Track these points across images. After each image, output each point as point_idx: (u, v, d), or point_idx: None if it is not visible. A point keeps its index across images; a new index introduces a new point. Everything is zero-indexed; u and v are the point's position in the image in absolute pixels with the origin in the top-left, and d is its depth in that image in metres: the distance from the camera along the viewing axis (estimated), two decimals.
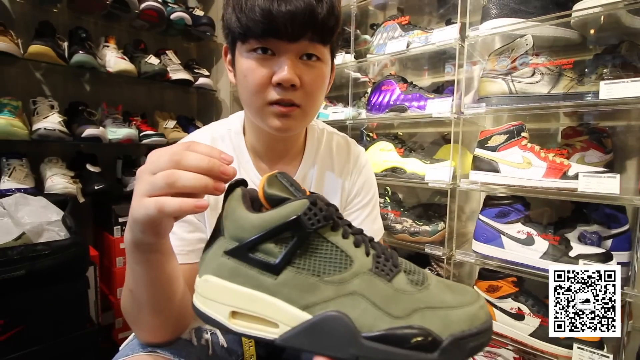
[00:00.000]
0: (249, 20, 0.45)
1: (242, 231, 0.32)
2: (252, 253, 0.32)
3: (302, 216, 0.31)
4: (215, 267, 0.33)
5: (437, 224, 1.08)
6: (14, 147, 1.19)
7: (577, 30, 0.94)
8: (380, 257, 0.33)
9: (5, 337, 0.78)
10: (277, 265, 0.31)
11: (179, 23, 1.48)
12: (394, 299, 0.31)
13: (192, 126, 1.64)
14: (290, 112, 0.50)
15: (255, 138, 0.60)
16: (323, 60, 0.51)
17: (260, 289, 0.32)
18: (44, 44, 1.16)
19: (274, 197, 0.33)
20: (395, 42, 1.10)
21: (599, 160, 0.93)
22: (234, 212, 0.33)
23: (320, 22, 0.46)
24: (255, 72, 0.48)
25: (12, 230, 0.81)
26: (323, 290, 0.31)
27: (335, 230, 0.33)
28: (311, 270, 0.31)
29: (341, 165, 0.67)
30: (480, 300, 0.32)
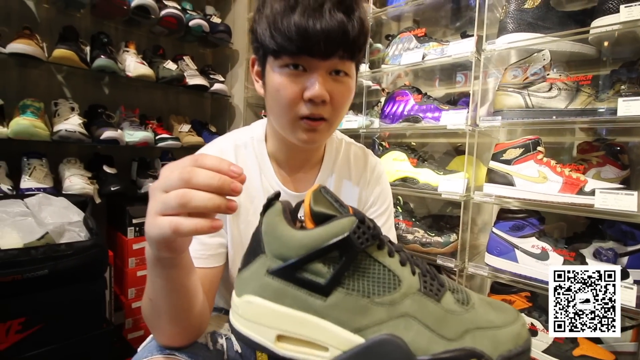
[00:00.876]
0: (284, 38, 0.47)
1: (287, 249, 0.30)
2: (300, 273, 0.30)
3: (352, 235, 0.29)
4: (258, 287, 0.31)
5: (449, 235, 1.08)
6: (35, 147, 1.22)
7: (594, 46, 0.94)
8: (426, 276, 0.32)
9: (25, 335, 0.80)
10: (327, 286, 0.30)
11: (197, 30, 1.51)
12: (445, 320, 0.30)
13: (206, 130, 1.66)
14: (317, 126, 0.52)
15: (277, 147, 0.62)
16: (350, 75, 0.53)
17: (309, 311, 0.30)
18: (68, 48, 1.19)
19: (321, 214, 0.31)
20: (411, 54, 1.11)
21: (615, 176, 0.93)
22: (276, 228, 0.31)
23: (351, 40, 0.48)
24: (287, 87, 0.50)
25: (36, 230, 0.83)
26: (375, 312, 0.30)
27: (381, 248, 0.32)
28: (361, 292, 0.30)
29: (358, 175, 0.69)
30: (521, 318, 0.33)
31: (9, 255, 0.76)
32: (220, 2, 1.83)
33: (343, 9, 0.46)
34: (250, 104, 1.81)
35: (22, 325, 0.79)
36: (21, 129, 1.10)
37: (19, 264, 0.76)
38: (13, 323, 0.79)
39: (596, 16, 0.83)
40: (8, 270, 0.75)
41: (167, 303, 0.43)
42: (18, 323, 0.79)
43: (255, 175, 0.61)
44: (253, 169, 0.61)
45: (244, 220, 0.60)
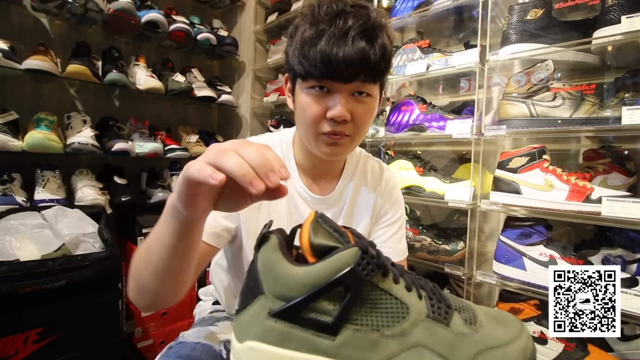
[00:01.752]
0: (310, 64, 0.51)
1: (289, 289, 0.29)
2: (304, 313, 0.28)
3: (356, 267, 0.28)
4: (261, 332, 0.29)
5: (456, 243, 1.09)
6: (48, 159, 1.25)
7: (597, 55, 0.95)
8: (432, 299, 0.32)
9: (42, 345, 0.82)
10: (334, 325, 0.28)
11: (205, 43, 1.55)
12: (456, 345, 0.30)
13: (213, 140, 1.69)
14: (339, 140, 0.56)
15: (302, 155, 0.66)
16: (372, 96, 0.56)
17: (318, 352, 0.28)
18: (81, 64, 1.23)
19: (321, 247, 0.30)
20: (415, 64, 1.13)
21: (622, 184, 0.93)
22: (274, 267, 0.30)
23: (372, 66, 0.51)
24: (312, 106, 0.54)
25: (53, 242, 0.85)
26: (386, 346, 0.29)
27: (386, 276, 0.30)
28: (370, 326, 0.29)
29: (374, 185, 0.72)
30: (525, 329, 0.33)
31: (28, 266, 0.78)
32: (227, 16, 1.87)
33: (366, 37, 0.50)
34: (257, 114, 1.84)
35: (39, 335, 0.81)
36: (36, 142, 1.13)
37: (37, 276, 0.78)
38: (31, 333, 0.80)
39: (598, 26, 0.84)
40: (27, 282, 0.77)
41: (161, 255, 0.41)
42: (35, 333, 0.81)
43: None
44: None
45: (265, 215, 0.63)
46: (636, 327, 0.92)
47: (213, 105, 1.77)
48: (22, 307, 0.80)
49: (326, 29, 0.50)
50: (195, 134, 1.64)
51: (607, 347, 0.89)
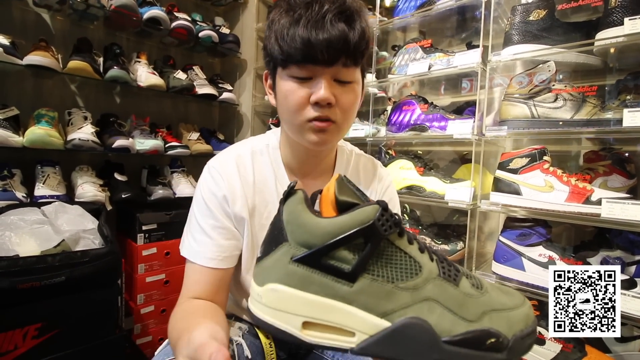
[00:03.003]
0: (290, 48, 0.50)
1: (312, 237, 0.31)
2: (325, 260, 0.31)
3: (376, 222, 0.30)
4: (283, 275, 0.31)
5: (455, 243, 1.09)
6: (48, 155, 1.25)
7: (599, 57, 0.95)
8: (443, 263, 0.34)
9: (41, 340, 0.82)
10: (353, 273, 0.30)
11: (207, 40, 1.55)
12: (465, 303, 0.32)
13: (214, 138, 1.69)
14: (327, 127, 0.55)
15: (289, 154, 0.65)
16: (355, 81, 0.56)
17: (336, 297, 0.31)
18: (82, 60, 1.22)
19: (345, 202, 0.32)
20: (417, 64, 1.13)
21: (622, 186, 0.93)
22: (299, 216, 0.32)
23: (352, 47, 0.51)
24: (295, 93, 0.53)
25: (53, 238, 0.85)
26: (399, 297, 0.31)
27: (402, 236, 0.33)
28: (386, 277, 0.31)
29: (367, 184, 0.71)
30: (527, 301, 0.35)
31: (27, 262, 0.78)
32: (229, 13, 1.87)
33: (344, 19, 0.50)
34: (258, 112, 1.84)
35: (38, 330, 0.81)
36: (36, 138, 1.12)
37: (37, 271, 0.78)
38: (30, 328, 0.80)
39: (600, 28, 0.84)
40: (27, 277, 0.77)
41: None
42: (35, 329, 0.81)
43: (270, 180, 0.64)
44: (268, 174, 0.64)
45: (257, 223, 0.62)
46: (634, 329, 0.92)
47: (214, 103, 1.77)
48: (21, 303, 0.80)
49: (303, 13, 0.50)
50: (196, 132, 1.64)
51: (604, 348, 0.89)
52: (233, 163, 0.62)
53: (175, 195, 1.45)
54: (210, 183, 0.60)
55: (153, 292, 1.32)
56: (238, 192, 0.60)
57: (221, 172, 0.61)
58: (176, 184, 1.48)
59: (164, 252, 1.33)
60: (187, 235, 0.61)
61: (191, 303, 0.56)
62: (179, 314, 0.53)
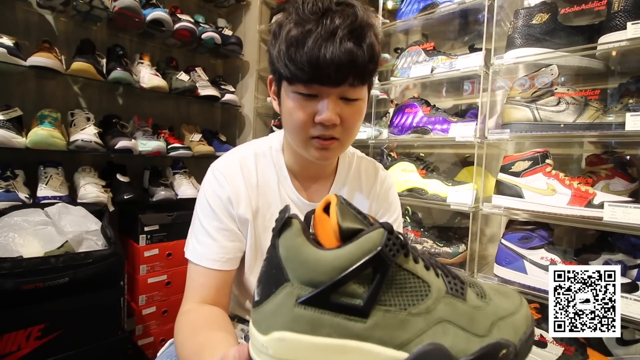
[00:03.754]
0: (297, 68, 0.49)
1: (318, 274, 0.28)
2: (335, 298, 0.28)
3: (384, 248, 0.28)
4: (289, 321, 0.28)
5: (457, 245, 1.09)
6: (51, 156, 1.25)
7: (602, 61, 0.95)
8: (448, 277, 0.33)
9: (44, 341, 0.82)
10: (365, 307, 0.28)
11: (209, 42, 1.55)
12: (474, 318, 0.31)
13: (216, 139, 1.69)
14: (329, 145, 0.55)
15: (292, 159, 0.65)
16: (362, 98, 0.55)
17: (351, 336, 0.28)
18: (85, 61, 1.23)
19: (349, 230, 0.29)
20: (420, 67, 1.13)
21: (624, 189, 0.94)
22: (300, 252, 0.29)
23: (361, 68, 0.50)
24: (299, 111, 0.53)
25: (56, 239, 0.86)
26: (414, 324, 0.29)
27: (407, 256, 0.31)
28: (398, 305, 0.29)
29: (369, 187, 0.71)
30: (524, 300, 0.36)
31: (31, 263, 0.78)
32: (232, 15, 1.87)
33: (354, 38, 0.48)
34: (260, 114, 1.84)
35: (41, 331, 0.81)
36: (39, 139, 1.13)
37: (41, 272, 0.79)
38: (33, 329, 0.81)
39: (603, 32, 0.84)
40: (31, 279, 0.77)
41: None
42: (38, 330, 0.81)
43: (273, 183, 0.64)
44: (271, 177, 0.64)
45: (260, 224, 0.63)
46: (635, 332, 0.92)
47: (216, 105, 1.77)
48: (25, 304, 0.80)
49: (313, 29, 0.47)
50: (198, 133, 1.64)
51: (606, 351, 0.89)
52: (237, 165, 0.62)
53: (177, 196, 1.45)
54: (215, 185, 0.61)
55: (155, 293, 1.32)
56: (242, 194, 0.60)
57: (225, 174, 0.61)
58: (178, 185, 1.49)
59: (166, 253, 1.34)
60: (191, 237, 0.62)
61: (199, 313, 0.55)
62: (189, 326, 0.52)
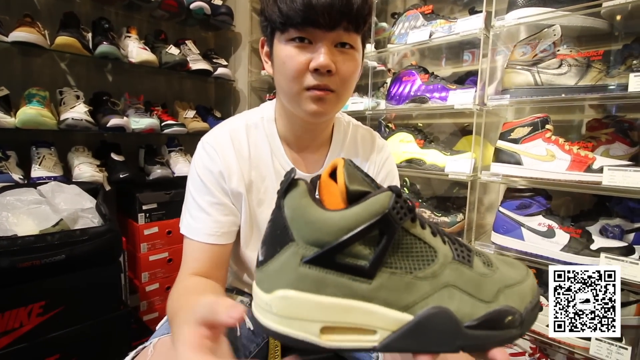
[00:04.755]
0: (290, 9, 0.48)
1: (323, 234, 0.28)
2: (340, 258, 0.28)
3: (391, 210, 0.28)
4: (294, 280, 0.28)
5: (455, 215, 1.09)
6: (43, 137, 1.23)
7: (606, 20, 0.91)
8: (455, 244, 0.33)
9: (46, 317, 0.83)
10: (371, 268, 0.28)
11: (199, 13, 1.49)
12: (481, 284, 0.31)
13: (211, 116, 1.66)
14: (325, 96, 0.53)
15: (285, 127, 0.63)
16: (356, 48, 0.53)
17: (355, 297, 0.28)
18: (70, 35, 1.18)
19: (356, 192, 0.29)
20: (418, 32, 1.09)
21: (624, 153, 0.92)
22: (305, 212, 0.28)
23: (355, 11, 0.49)
24: (293, 59, 0.51)
25: (51, 217, 0.85)
26: (420, 287, 0.30)
27: (414, 221, 0.31)
28: (404, 269, 0.29)
29: (366, 156, 0.70)
30: (530, 271, 0.36)
31: (26, 241, 0.78)
32: None
33: None
34: (255, 88, 1.80)
35: (42, 308, 0.83)
36: (28, 119, 1.10)
37: (36, 250, 0.79)
38: (34, 306, 0.82)
39: None
40: (27, 256, 0.77)
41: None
42: (39, 306, 0.82)
43: (266, 155, 0.62)
44: (264, 148, 0.62)
45: (255, 198, 0.62)
46: (630, 294, 0.93)
47: (209, 80, 1.73)
48: (22, 282, 0.80)
49: None
50: (192, 110, 1.61)
51: None
52: (227, 138, 0.60)
53: (174, 174, 1.44)
54: (205, 159, 0.59)
55: (157, 270, 1.33)
56: (234, 167, 0.59)
57: (216, 147, 0.59)
58: (174, 163, 1.47)
59: (166, 231, 1.34)
60: (185, 213, 0.61)
61: (190, 280, 0.55)
62: (179, 291, 0.53)
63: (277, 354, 0.63)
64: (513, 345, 1.01)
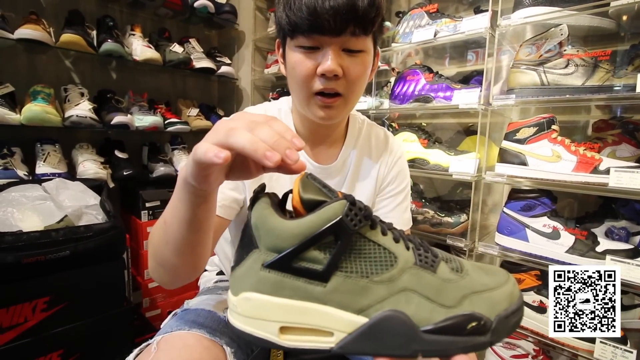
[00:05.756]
0: (297, 17, 0.49)
1: (281, 241, 0.30)
2: (296, 263, 0.30)
3: (344, 217, 0.29)
4: (255, 283, 0.31)
5: (459, 215, 1.08)
6: (47, 133, 1.24)
7: (614, 20, 0.90)
8: (420, 250, 0.33)
9: (50, 313, 0.84)
10: (325, 272, 0.30)
11: (202, 11, 1.49)
12: (443, 289, 0.31)
13: (214, 114, 1.66)
14: (333, 102, 0.54)
15: (300, 123, 0.64)
16: (365, 50, 0.53)
17: (310, 299, 0.30)
18: (74, 33, 1.18)
19: (311, 201, 0.31)
20: (422, 31, 1.08)
21: (630, 155, 0.91)
22: (266, 221, 0.31)
23: (361, 15, 0.49)
24: (302, 64, 0.52)
25: (55, 213, 0.86)
26: (375, 290, 0.30)
27: (374, 228, 0.32)
28: (360, 272, 0.30)
29: (379, 154, 0.71)
30: (511, 278, 0.34)
31: (31, 237, 0.79)
32: None
33: None
34: (258, 87, 1.80)
35: (47, 304, 0.83)
36: (33, 115, 1.11)
37: (41, 246, 0.79)
38: (38, 302, 0.82)
39: None
40: (31, 252, 0.78)
41: (178, 230, 0.42)
42: (43, 302, 0.83)
43: None
44: None
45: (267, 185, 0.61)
46: (635, 297, 0.93)
47: (213, 78, 1.73)
48: (27, 277, 0.81)
49: None
50: (195, 108, 1.61)
51: None
52: None
53: (177, 172, 1.44)
54: None
55: None
56: None
57: None
58: (177, 161, 1.47)
59: None
60: None
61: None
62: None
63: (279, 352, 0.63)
64: (516, 347, 1.00)
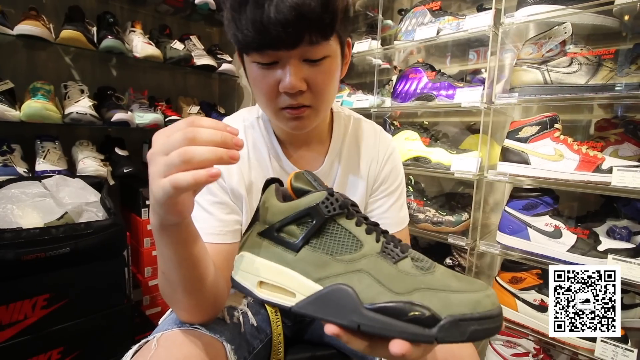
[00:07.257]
0: (245, 36, 0.44)
1: (272, 216, 0.39)
2: (278, 233, 0.39)
3: (320, 204, 0.37)
4: (250, 245, 0.40)
5: (460, 214, 1.08)
6: (47, 130, 1.23)
7: (618, 18, 0.90)
8: (389, 244, 0.37)
9: (50, 310, 0.84)
10: (297, 244, 0.37)
11: (203, 8, 1.48)
12: (397, 279, 0.34)
13: (215, 112, 1.65)
14: (301, 113, 0.51)
15: (277, 128, 0.62)
16: (330, 55, 0.49)
17: (283, 263, 0.38)
18: (75, 29, 1.17)
19: (299, 189, 0.40)
20: (425, 29, 1.08)
21: (633, 154, 0.91)
22: (266, 201, 0.41)
23: (314, 22, 0.43)
24: (262, 81, 0.49)
25: (55, 210, 0.85)
26: (334, 266, 0.36)
27: (349, 218, 0.38)
28: (325, 250, 0.37)
29: (368, 152, 0.67)
30: (488, 290, 0.33)
31: (31, 234, 0.78)
32: None
33: None
34: None
35: (47, 301, 0.83)
36: (33, 112, 1.10)
37: (41, 243, 0.79)
38: (39, 299, 0.82)
39: None
40: (31, 249, 0.77)
41: (178, 273, 0.43)
42: (43, 299, 0.83)
43: (265, 156, 0.61)
44: (263, 149, 0.61)
45: (255, 198, 0.60)
46: (636, 296, 0.93)
47: (214, 76, 1.72)
48: (27, 274, 0.80)
49: None
50: (196, 105, 1.60)
51: None
52: None
53: None
54: None
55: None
56: (233, 168, 0.58)
57: None
58: None
59: None
60: None
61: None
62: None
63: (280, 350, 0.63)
64: (516, 345, 1.00)
